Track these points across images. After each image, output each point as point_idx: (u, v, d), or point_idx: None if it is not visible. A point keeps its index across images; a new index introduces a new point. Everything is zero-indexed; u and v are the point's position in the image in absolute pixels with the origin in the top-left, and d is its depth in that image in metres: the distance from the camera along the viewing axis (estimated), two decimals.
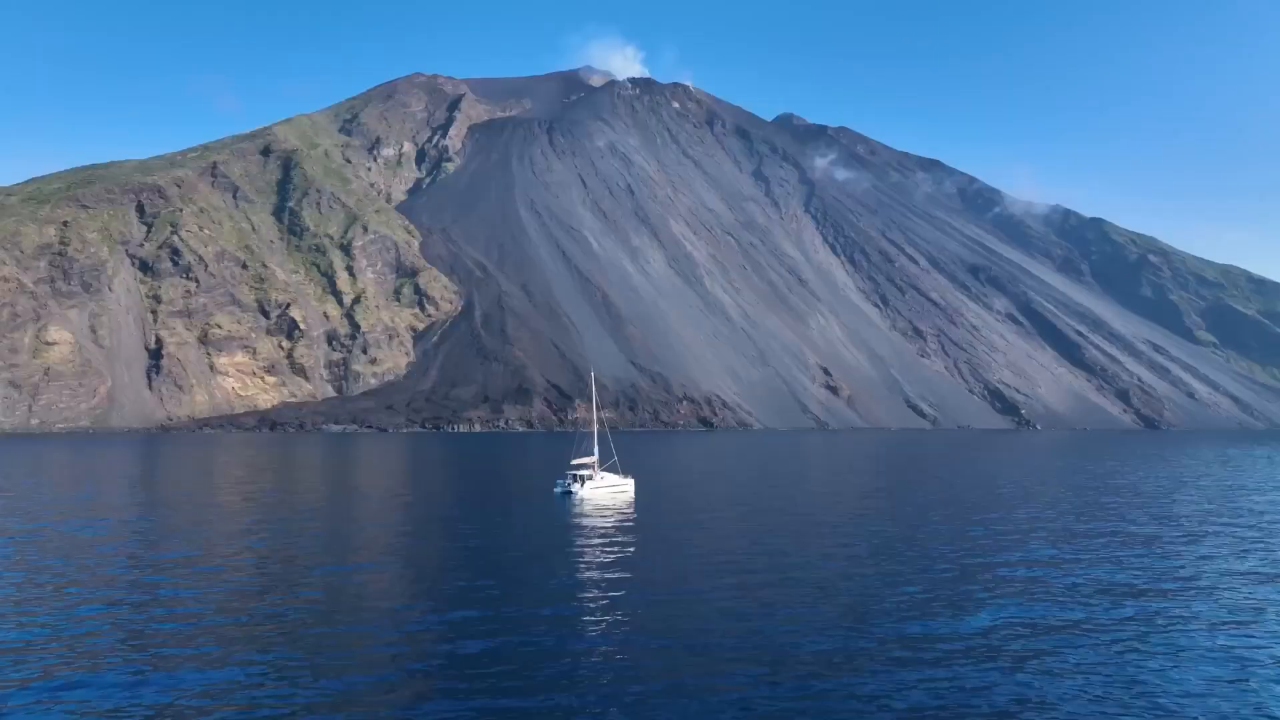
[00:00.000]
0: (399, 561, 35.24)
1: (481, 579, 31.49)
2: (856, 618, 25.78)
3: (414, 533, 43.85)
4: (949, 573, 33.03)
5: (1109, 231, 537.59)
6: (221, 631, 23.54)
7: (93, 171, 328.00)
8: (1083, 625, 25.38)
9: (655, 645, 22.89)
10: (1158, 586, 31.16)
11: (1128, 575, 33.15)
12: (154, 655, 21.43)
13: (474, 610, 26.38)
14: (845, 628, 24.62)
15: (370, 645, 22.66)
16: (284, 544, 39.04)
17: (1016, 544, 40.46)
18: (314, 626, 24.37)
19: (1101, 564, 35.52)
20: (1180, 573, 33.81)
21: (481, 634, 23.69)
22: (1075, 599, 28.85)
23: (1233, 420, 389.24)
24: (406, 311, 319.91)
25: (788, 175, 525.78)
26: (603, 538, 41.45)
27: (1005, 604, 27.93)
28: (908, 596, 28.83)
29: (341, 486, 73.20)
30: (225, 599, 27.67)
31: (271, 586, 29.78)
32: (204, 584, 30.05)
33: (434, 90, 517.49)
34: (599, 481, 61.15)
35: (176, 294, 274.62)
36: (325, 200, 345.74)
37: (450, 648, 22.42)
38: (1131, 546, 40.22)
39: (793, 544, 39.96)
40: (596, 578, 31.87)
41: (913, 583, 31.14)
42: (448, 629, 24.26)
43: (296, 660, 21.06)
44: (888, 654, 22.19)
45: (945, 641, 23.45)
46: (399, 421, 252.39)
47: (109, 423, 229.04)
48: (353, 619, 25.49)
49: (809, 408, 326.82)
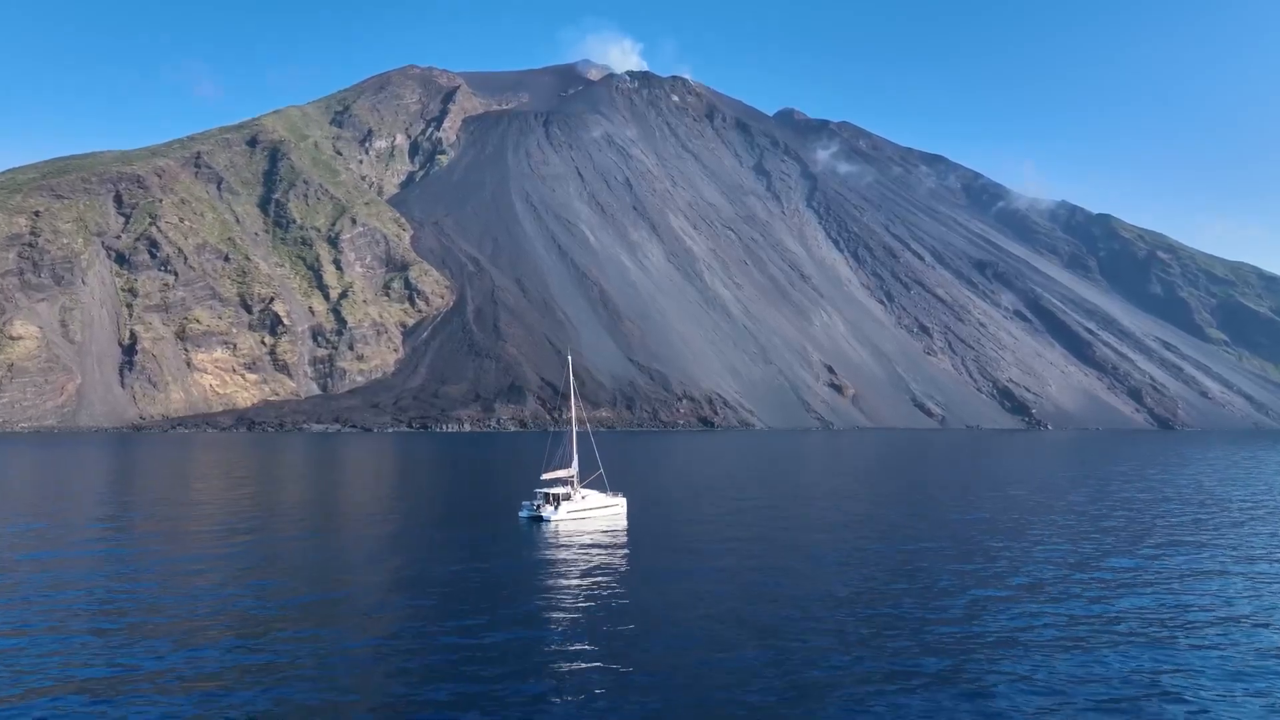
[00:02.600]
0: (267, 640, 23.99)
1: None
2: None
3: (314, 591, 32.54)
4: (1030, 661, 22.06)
5: (1116, 227, 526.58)
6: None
7: (70, 162, 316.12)
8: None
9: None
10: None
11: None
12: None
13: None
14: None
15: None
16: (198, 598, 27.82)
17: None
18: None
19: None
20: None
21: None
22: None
23: (1247, 420, 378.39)
24: (396, 307, 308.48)
25: (789, 169, 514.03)
26: (577, 600, 30.06)
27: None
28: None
29: (288, 501, 61.84)
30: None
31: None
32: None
33: (428, 82, 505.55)
34: (579, 502, 48.40)
35: (154, 287, 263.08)
36: (313, 192, 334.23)
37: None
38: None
39: (826, 606, 28.73)
40: (571, 679, 20.61)
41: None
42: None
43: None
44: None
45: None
46: (385, 421, 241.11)
47: (77, 422, 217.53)
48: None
49: (812, 407, 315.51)
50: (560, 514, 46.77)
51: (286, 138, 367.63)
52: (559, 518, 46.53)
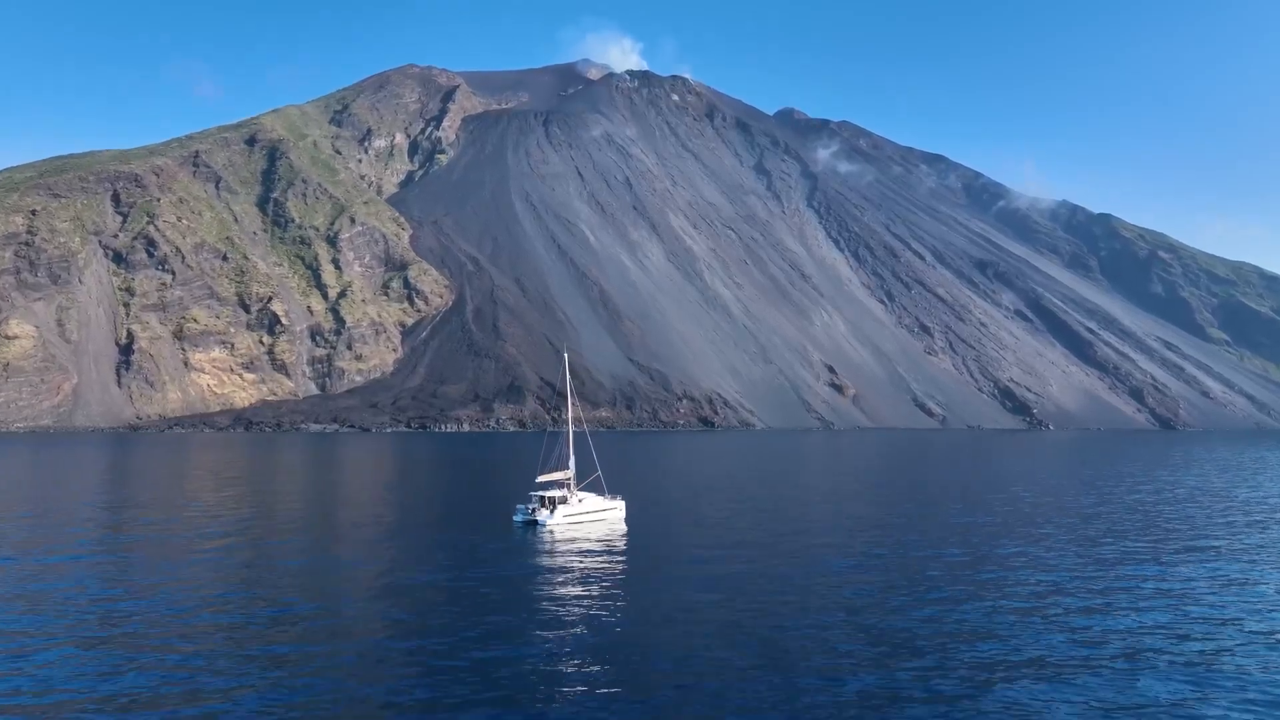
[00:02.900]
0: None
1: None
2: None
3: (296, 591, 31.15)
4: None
5: (1117, 227, 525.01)
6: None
7: (68, 161, 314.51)
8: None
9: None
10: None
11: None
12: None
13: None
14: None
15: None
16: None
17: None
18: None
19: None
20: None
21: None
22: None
23: (1249, 420, 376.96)
24: (395, 306, 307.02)
25: (789, 169, 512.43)
26: (576, 602, 28.69)
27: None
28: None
29: (275, 503, 60.45)
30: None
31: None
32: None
33: (428, 82, 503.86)
34: (576, 505, 46.69)
35: (151, 287, 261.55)
36: (311, 191, 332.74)
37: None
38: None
39: (841, 615, 27.34)
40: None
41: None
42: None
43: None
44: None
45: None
46: (383, 421, 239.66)
47: (73, 422, 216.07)
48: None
49: (813, 406, 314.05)
50: (556, 518, 45.01)
51: (285, 137, 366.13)
52: (554, 522, 44.80)
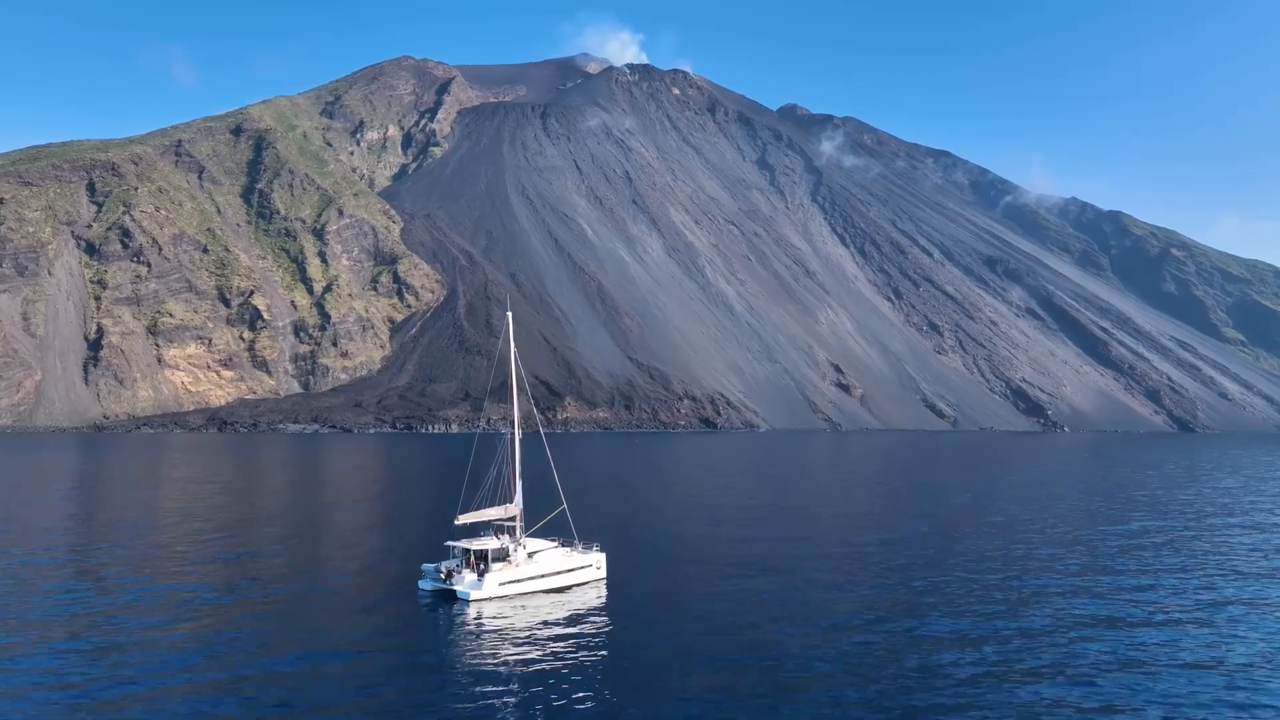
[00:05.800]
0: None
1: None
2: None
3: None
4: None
5: (1128, 225, 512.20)
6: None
7: (44, 150, 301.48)
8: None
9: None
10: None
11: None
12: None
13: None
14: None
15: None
16: None
17: None
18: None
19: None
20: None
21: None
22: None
23: (1270, 421, 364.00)
24: (383, 301, 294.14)
25: (793, 164, 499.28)
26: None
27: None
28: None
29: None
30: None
31: None
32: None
33: (423, 74, 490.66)
34: (523, 564, 30.42)
35: (125, 279, 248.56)
36: (299, 182, 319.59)
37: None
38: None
39: None
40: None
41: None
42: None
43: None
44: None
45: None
46: (367, 421, 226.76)
47: (34, 421, 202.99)
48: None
49: (819, 407, 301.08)
50: (487, 587, 29.07)
51: (273, 127, 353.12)
52: (483, 594, 28.97)
